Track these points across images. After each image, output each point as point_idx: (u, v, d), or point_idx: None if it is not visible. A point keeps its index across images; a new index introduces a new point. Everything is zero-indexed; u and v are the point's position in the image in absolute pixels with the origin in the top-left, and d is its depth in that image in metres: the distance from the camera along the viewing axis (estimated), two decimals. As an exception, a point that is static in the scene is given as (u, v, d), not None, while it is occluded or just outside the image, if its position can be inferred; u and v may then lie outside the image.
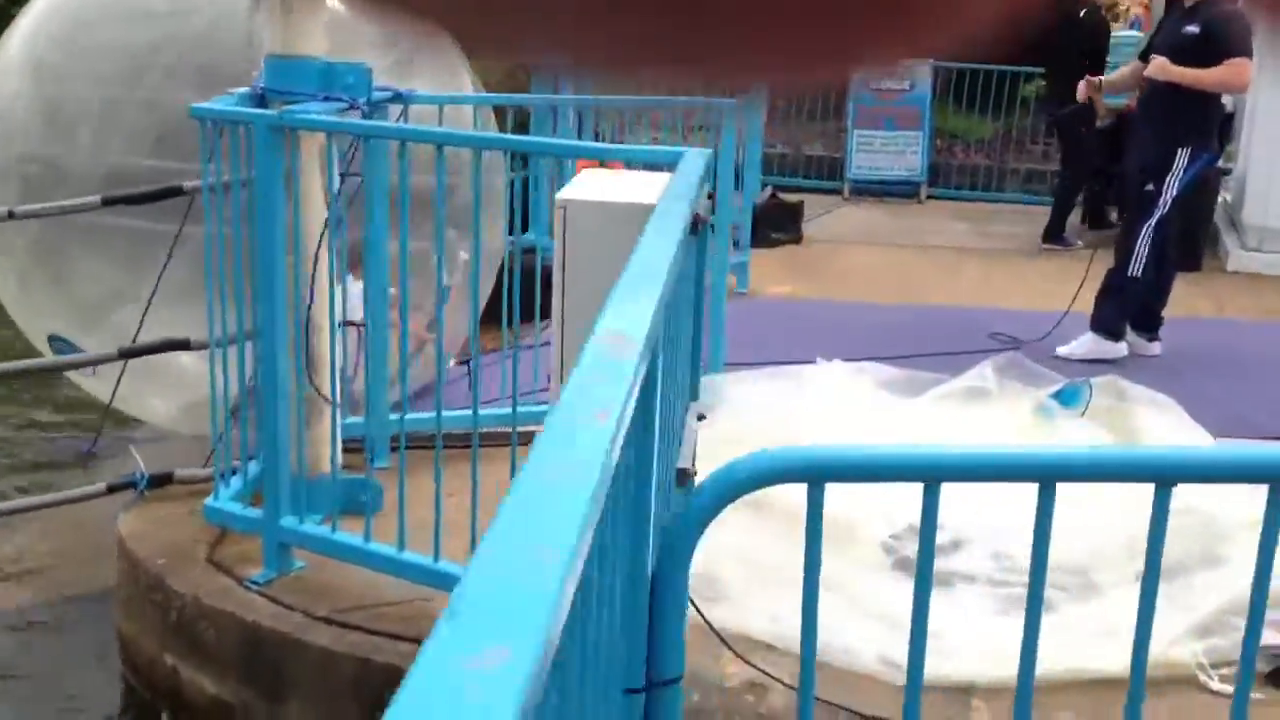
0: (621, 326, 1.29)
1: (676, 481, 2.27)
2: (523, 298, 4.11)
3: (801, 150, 11.20)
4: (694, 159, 2.45)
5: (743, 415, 4.07)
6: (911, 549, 3.45)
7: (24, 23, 4.81)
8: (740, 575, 3.16)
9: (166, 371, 4.26)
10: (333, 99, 3.21)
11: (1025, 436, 4.15)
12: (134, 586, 3.34)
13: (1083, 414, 4.14)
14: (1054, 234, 8.32)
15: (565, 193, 2.26)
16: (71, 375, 4.66)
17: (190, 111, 3.09)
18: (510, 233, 4.78)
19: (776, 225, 8.21)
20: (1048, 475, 1.63)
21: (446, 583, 2.86)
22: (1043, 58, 8.83)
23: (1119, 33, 14.69)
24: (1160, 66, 5.57)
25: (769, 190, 9.83)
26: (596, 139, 7.51)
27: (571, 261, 2.25)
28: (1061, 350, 5.60)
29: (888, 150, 10.51)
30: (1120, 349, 5.55)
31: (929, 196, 10.51)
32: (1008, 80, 10.64)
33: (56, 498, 3.74)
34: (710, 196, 2.55)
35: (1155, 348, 5.72)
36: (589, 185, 2.36)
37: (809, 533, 1.67)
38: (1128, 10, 12.28)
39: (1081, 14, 8.09)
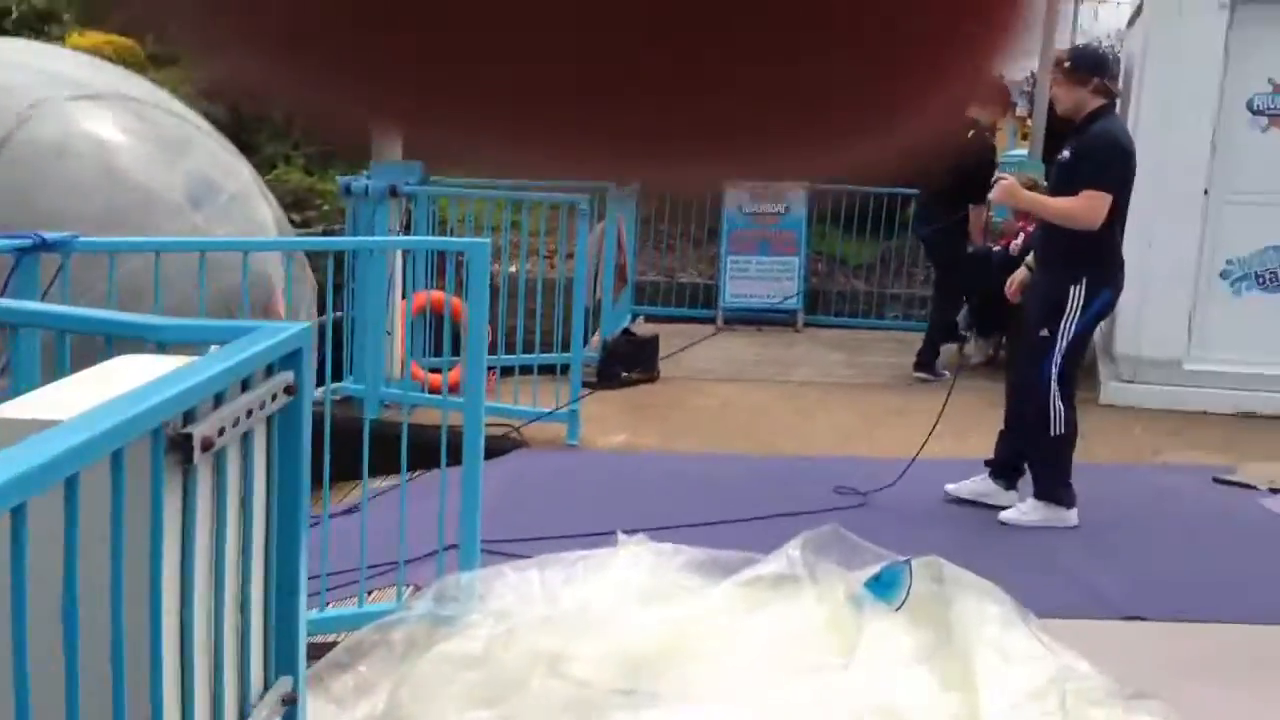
0: None
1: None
2: (336, 456, 3.62)
3: (675, 277, 10.71)
4: (240, 347, 1.79)
5: (490, 625, 3.36)
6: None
7: None
8: None
9: None
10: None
11: (834, 634, 3.49)
12: None
13: (899, 607, 3.49)
14: (924, 363, 7.83)
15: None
16: None
17: None
18: (321, 381, 4.16)
19: (628, 362, 7.61)
20: None
21: None
22: (920, 179, 8.43)
23: (1008, 152, 14.60)
24: (1006, 190, 5.11)
25: (633, 322, 9.29)
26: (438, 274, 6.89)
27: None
28: (1007, 516, 4.96)
29: (763, 276, 10.04)
30: (1070, 517, 4.88)
31: (806, 324, 10.02)
32: (884, 202, 10.27)
33: None
34: (289, 390, 1.89)
35: (1012, 498, 5.09)
36: (53, 394, 1.69)
37: None
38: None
39: (968, 135, 7.70)
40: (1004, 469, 5.11)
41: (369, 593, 3.92)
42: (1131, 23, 9.24)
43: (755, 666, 3.36)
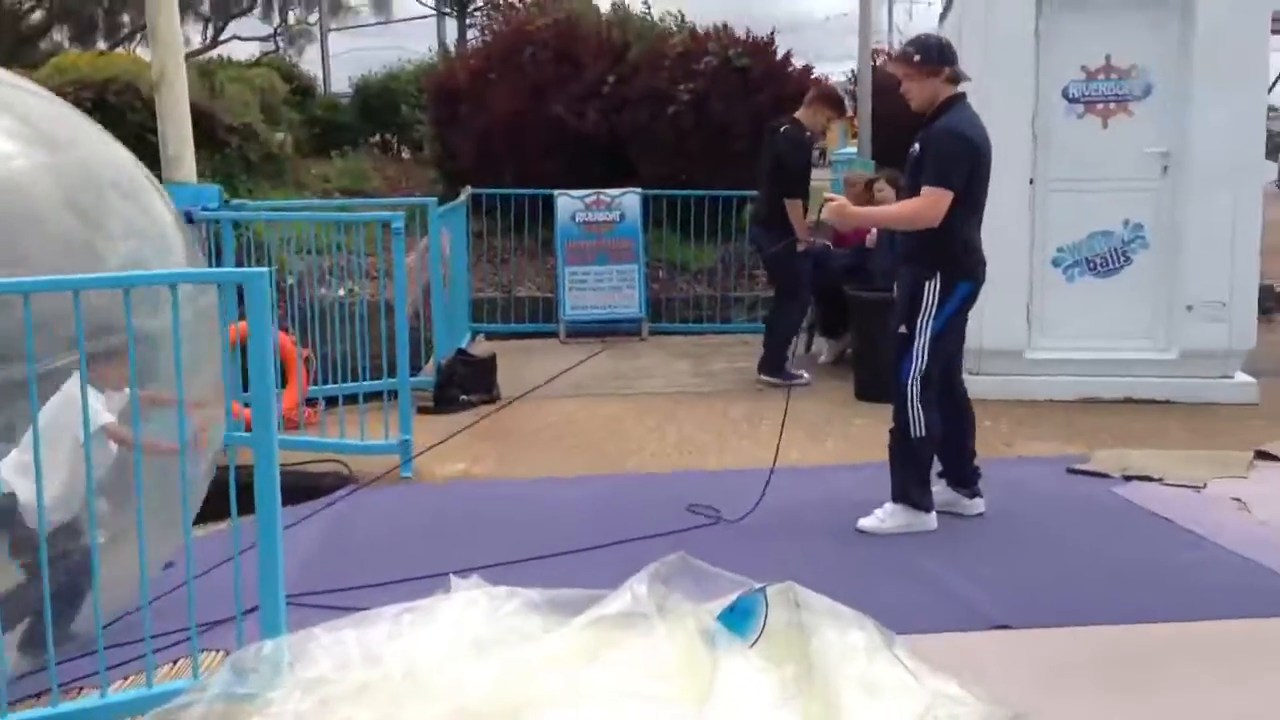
0: None
1: None
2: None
3: (512, 292, 10.33)
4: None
5: (297, 698, 2.94)
6: None
7: None
8: None
9: None
10: None
11: (687, 676, 3.18)
12: None
13: (754, 643, 3.20)
14: (775, 366, 7.61)
15: None
16: None
17: None
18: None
19: (465, 384, 7.21)
20: None
21: None
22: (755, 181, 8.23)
23: (838, 150, 14.62)
24: (836, 210, 4.82)
25: (472, 341, 8.88)
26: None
27: None
28: (865, 523, 4.72)
29: (602, 287, 9.76)
30: (929, 521, 4.67)
31: (651, 333, 9.77)
32: (720, 205, 10.11)
33: None
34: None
35: (978, 505, 4.88)
36: None
37: None
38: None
39: (781, 129, 7.50)
40: (954, 475, 4.86)
41: (172, 664, 3.44)
42: (943, 18, 9.27)
43: (603, 720, 3.02)
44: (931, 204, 4.48)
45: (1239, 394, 6.80)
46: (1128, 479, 5.33)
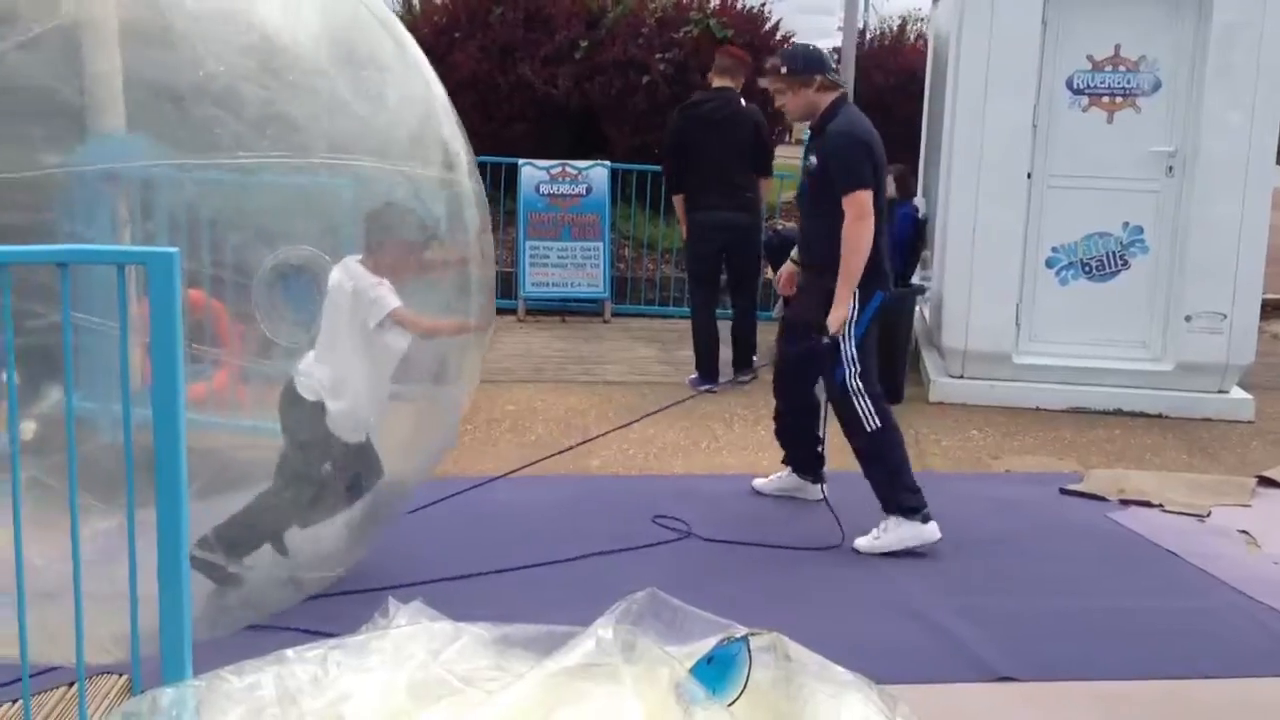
0: None
1: None
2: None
3: (470, 265, 9.81)
4: None
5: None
6: None
7: None
8: None
9: None
10: None
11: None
12: None
13: (734, 702, 2.77)
14: (703, 374, 6.94)
15: None
16: None
17: None
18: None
19: (415, 367, 6.70)
20: None
21: None
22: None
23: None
24: (840, 319, 4.33)
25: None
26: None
27: None
28: (861, 544, 4.33)
29: (566, 263, 9.27)
30: (929, 532, 4.28)
31: (615, 314, 9.30)
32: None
33: None
34: None
35: (819, 491, 4.79)
36: None
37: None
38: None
39: (741, 105, 6.90)
40: (797, 461, 4.85)
41: (68, 686, 2.95)
42: (936, 2, 8.86)
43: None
44: (860, 209, 4.25)
45: (1234, 410, 6.48)
46: (1125, 503, 4.97)
